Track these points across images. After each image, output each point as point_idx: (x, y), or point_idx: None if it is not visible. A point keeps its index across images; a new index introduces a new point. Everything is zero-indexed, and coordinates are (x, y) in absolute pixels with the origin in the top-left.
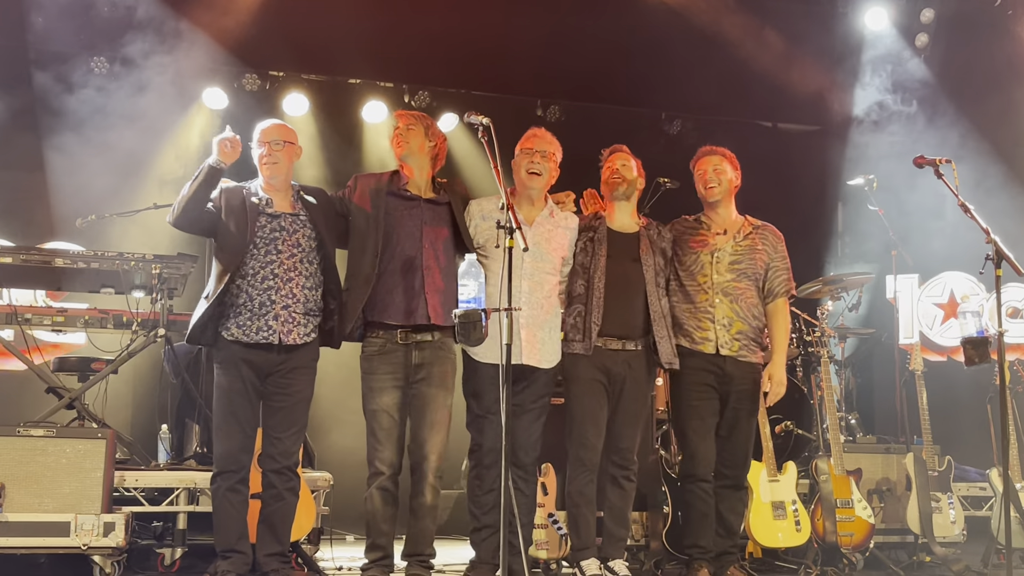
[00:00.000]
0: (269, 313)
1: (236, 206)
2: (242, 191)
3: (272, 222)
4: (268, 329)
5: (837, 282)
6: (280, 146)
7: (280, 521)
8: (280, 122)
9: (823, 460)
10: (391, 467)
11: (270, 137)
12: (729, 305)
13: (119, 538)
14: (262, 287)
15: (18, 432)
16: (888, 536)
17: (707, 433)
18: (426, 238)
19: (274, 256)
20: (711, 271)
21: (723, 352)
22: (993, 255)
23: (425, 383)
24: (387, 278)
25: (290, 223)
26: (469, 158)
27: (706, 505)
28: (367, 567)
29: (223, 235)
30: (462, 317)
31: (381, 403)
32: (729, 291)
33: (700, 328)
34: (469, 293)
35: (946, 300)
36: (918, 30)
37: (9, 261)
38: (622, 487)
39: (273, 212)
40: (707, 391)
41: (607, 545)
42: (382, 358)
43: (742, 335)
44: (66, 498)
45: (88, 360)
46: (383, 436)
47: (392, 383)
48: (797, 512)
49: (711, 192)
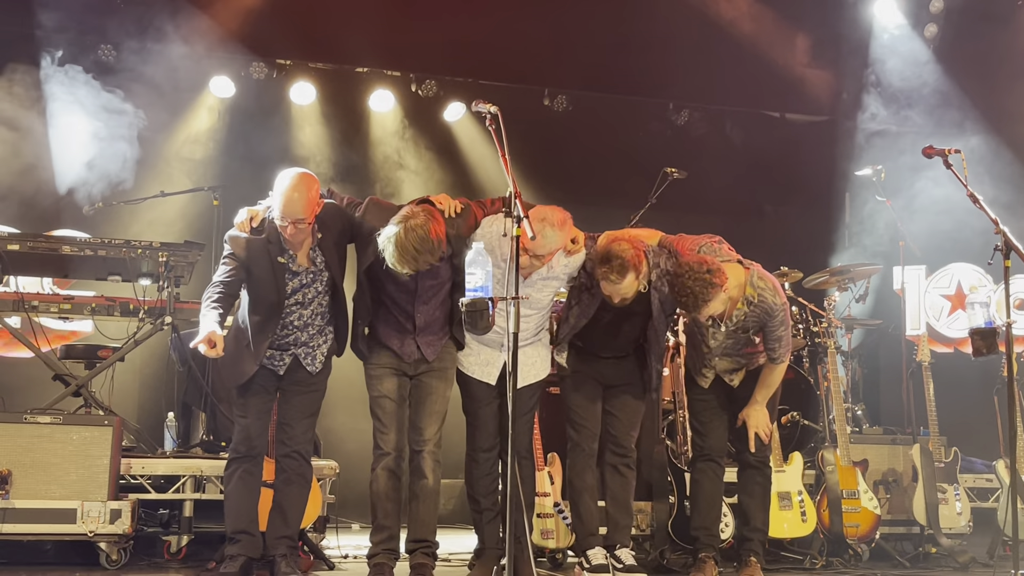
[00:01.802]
0: (287, 352)
1: (264, 266)
2: (264, 245)
3: (295, 279)
4: (280, 360)
5: (844, 272)
6: (303, 223)
7: (290, 506)
8: (304, 197)
9: (829, 451)
10: (396, 448)
11: (293, 216)
12: (730, 359)
13: (125, 525)
14: (282, 334)
15: (25, 419)
16: (894, 527)
17: (716, 415)
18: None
19: (294, 308)
20: (708, 337)
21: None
22: (1002, 246)
23: (427, 375)
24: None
25: (312, 278)
26: (476, 147)
27: (715, 486)
28: (374, 552)
29: (253, 290)
30: (469, 306)
31: (383, 389)
32: (728, 351)
33: (702, 370)
34: (476, 282)
35: (953, 291)
36: (927, 20)
37: (16, 248)
38: (622, 474)
39: (296, 269)
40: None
41: (613, 533)
42: (384, 348)
43: (747, 376)
44: (72, 485)
45: (95, 348)
46: (387, 419)
47: (392, 372)
48: (803, 503)
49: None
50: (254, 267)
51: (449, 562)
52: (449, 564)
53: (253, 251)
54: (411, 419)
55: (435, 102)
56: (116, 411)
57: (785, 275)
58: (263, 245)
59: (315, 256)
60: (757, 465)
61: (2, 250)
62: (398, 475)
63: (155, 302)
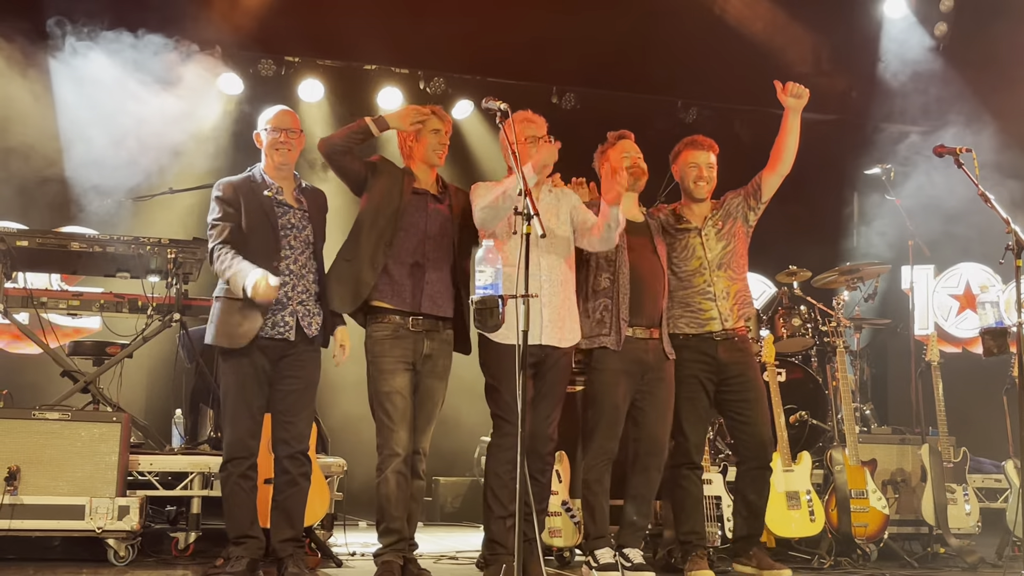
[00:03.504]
0: (286, 309)
1: (254, 200)
2: (251, 185)
3: (287, 214)
4: (284, 324)
5: (853, 272)
6: (296, 135)
7: (294, 507)
8: (290, 109)
9: (838, 450)
10: (406, 449)
11: (287, 124)
12: (724, 274)
13: (133, 522)
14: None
15: (33, 415)
16: (902, 527)
17: (699, 421)
18: (430, 235)
19: (288, 252)
20: (703, 251)
21: (727, 325)
22: (1013, 245)
23: (430, 375)
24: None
25: (299, 219)
26: (484, 144)
27: (699, 490)
28: (382, 551)
29: (249, 228)
30: (479, 303)
31: (394, 384)
32: (723, 261)
33: (702, 309)
34: (486, 279)
35: (962, 291)
36: (937, 19)
37: (25, 245)
38: (650, 476)
39: (284, 202)
40: (703, 383)
41: (626, 533)
42: (395, 342)
43: (739, 296)
44: (81, 481)
45: (103, 344)
46: (398, 417)
47: (404, 366)
48: (811, 502)
49: (699, 189)
50: (245, 202)
51: (457, 560)
52: (457, 563)
53: (242, 190)
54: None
55: (443, 99)
56: (124, 408)
57: (794, 274)
58: (249, 184)
59: (299, 197)
60: (766, 466)
61: (11, 246)
62: (407, 477)
63: (164, 299)
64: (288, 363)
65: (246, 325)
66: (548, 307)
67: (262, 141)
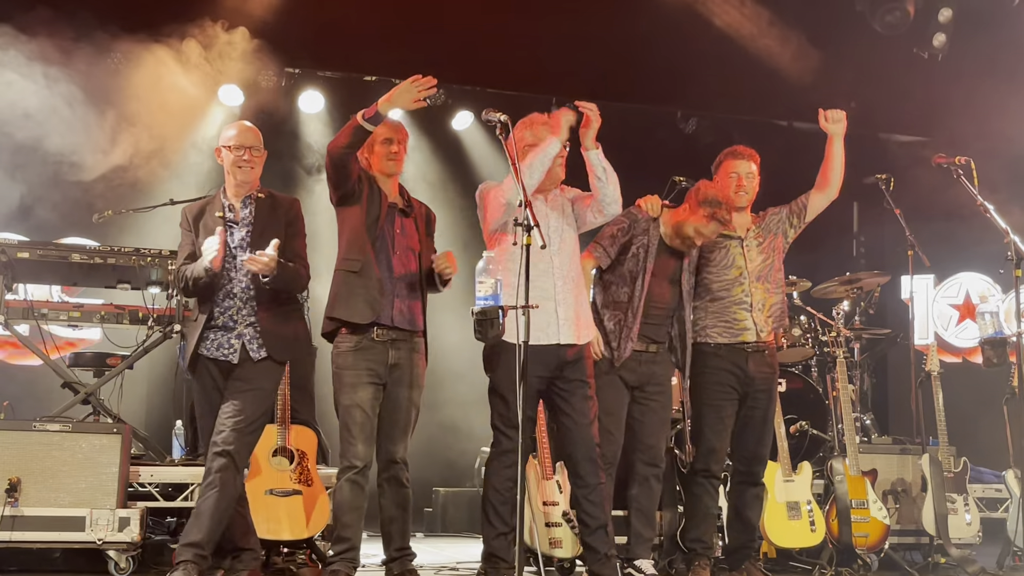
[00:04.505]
0: (232, 332)
1: (208, 231)
2: (208, 206)
3: (232, 235)
4: (229, 347)
5: (853, 282)
6: (259, 152)
7: (209, 510)
8: (252, 126)
9: (838, 460)
10: (363, 461)
11: (249, 142)
12: (762, 286)
13: (134, 533)
14: (225, 304)
15: (34, 427)
16: (903, 537)
17: (724, 431)
18: (400, 249)
19: (234, 274)
20: (744, 261)
21: (762, 336)
22: (1012, 255)
23: (400, 383)
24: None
25: (243, 238)
26: (484, 155)
27: (712, 501)
28: (332, 560)
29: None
30: (479, 315)
31: (357, 398)
32: (761, 273)
33: (737, 319)
34: (486, 291)
35: (961, 301)
36: (936, 30)
37: (26, 256)
38: (651, 486)
39: (236, 221)
40: (728, 391)
41: (635, 545)
42: (361, 354)
43: (774, 309)
44: (81, 493)
45: (103, 355)
46: (356, 431)
47: (369, 379)
48: (812, 512)
49: (740, 198)
50: (202, 227)
51: (457, 571)
52: (457, 573)
53: (200, 213)
54: (384, 430)
55: (443, 110)
56: (125, 419)
57: (793, 284)
58: (206, 206)
59: (250, 215)
60: (758, 483)
61: (12, 258)
62: (363, 487)
63: (164, 310)
64: (239, 373)
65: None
66: (563, 305)
67: (223, 158)
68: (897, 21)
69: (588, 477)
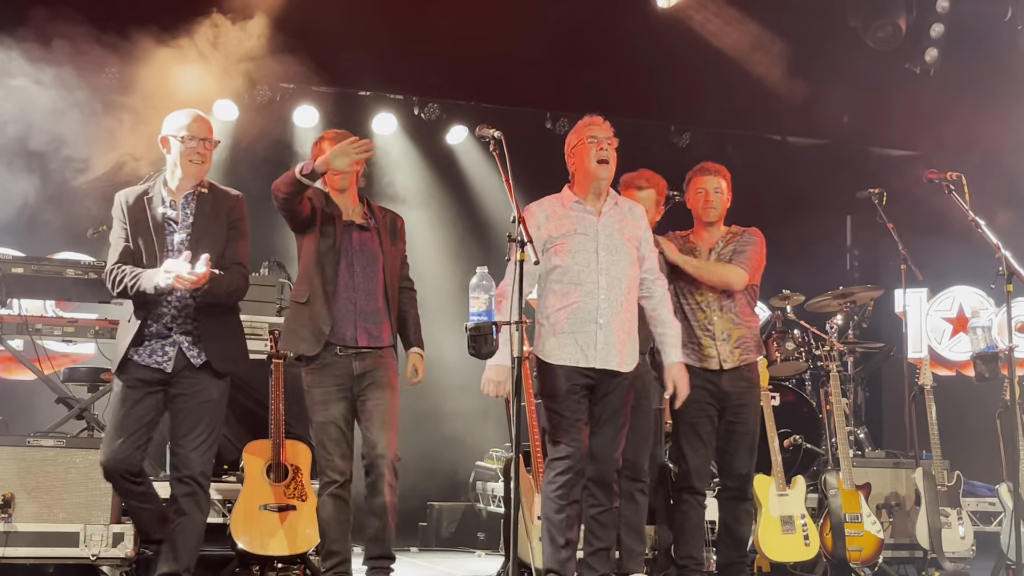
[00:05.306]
0: (167, 339)
1: (144, 228)
2: (145, 199)
3: (172, 234)
4: (163, 354)
5: (846, 296)
6: (211, 144)
7: (179, 538)
8: (204, 115)
9: (832, 474)
10: (342, 474)
11: (204, 133)
12: (724, 316)
13: (128, 549)
14: (158, 312)
15: (28, 442)
16: (897, 551)
17: (703, 447)
18: (358, 267)
19: None
20: (707, 289)
21: (726, 367)
22: (1003, 270)
23: (370, 388)
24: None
25: (182, 240)
26: (479, 170)
27: (699, 517)
28: (325, 574)
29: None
30: (473, 330)
31: (329, 415)
32: (723, 304)
33: (702, 346)
34: (480, 306)
35: (955, 314)
36: (928, 45)
37: (21, 271)
38: (637, 501)
39: (175, 219)
40: (703, 408)
41: (627, 560)
42: (324, 371)
43: (741, 341)
44: (75, 508)
45: (98, 370)
46: (332, 447)
47: (338, 394)
48: (806, 526)
49: (708, 213)
50: (135, 219)
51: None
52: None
53: (135, 205)
54: (363, 434)
55: (438, 125)
56: None
57: (787, 298)
58: (143, 199)
59: (188, 211)
60: (746, 497)
61: (6, 273)
62: (346, 500)
63: None
64: (182, 387)
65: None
66: (604, 330)
67: (171, 148)
68: (889, 36)
69: (600, 495)
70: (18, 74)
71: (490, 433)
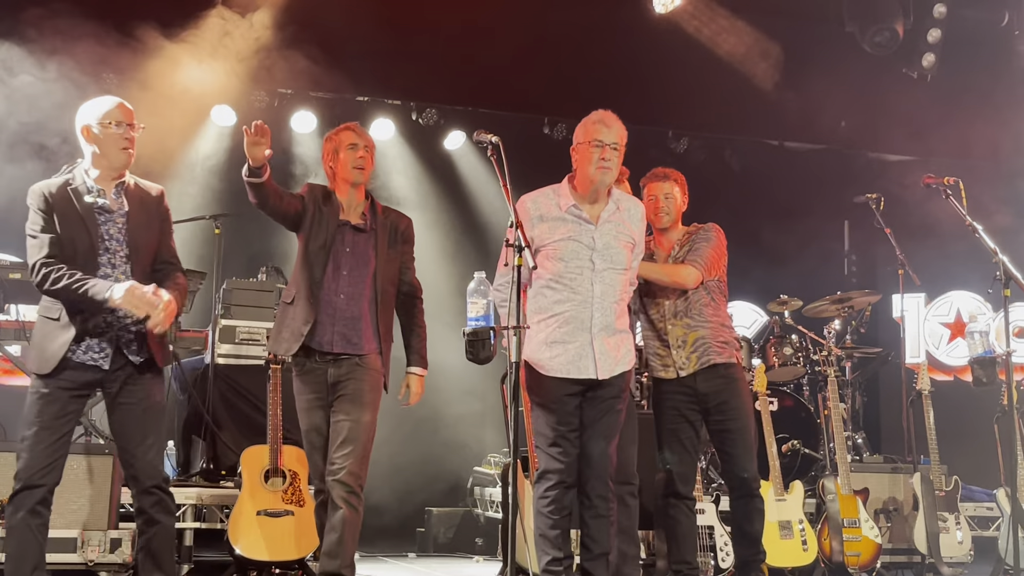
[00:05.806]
0: (105, 336)
1: (72, 218)
2: (68, 190)
3: (105, 224)
4: (100, 350)
5: (844, 301)
6: (136, 132)
7: (159, 548)
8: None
9: (830, 479)
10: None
11: (132, 119)
12: (679, 323)
13: (125, 555)
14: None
15: None
16: (895, 556)
17: (686, 453)
18: (344, 270)
19: (109, 270)
20: (662, 297)
21: (683, 374)
22: (1001, 275)
23: (340, 400)
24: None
25: (118, 230)
26: (477, 175)
27: (690, 522)
28: None
29: (64, 242)
30: (470, 335)
31: (311, 423)
32: (678, 309)
33: (661, 355)
34: (478, 311)
35: (952, 319)
36: (925, 50)
37: (18, 277)
38: (627, 504)
39: (106, 207)
40: (685, 414)
41: (623, 564)
42: (305, 378)
43: (700, 343)
44: (73, 514)
45: None
46: (317, 456)
47: (317, 403)
48: (804, 531)
49: (660, 219)
50: (60, 211)
51: None
52: None
53: (57, 197)
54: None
55: (435, 130)
56: None
57: (785, 303)
58: (66, 190)
59: (120, 201)
60: (753, 494)
61: (3, 279)
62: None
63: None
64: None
65: (54, 347)
66: (597, 339)
67: (94, 137)
68: (886, 41)
69: (597, 500)
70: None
71: (488, 438)
